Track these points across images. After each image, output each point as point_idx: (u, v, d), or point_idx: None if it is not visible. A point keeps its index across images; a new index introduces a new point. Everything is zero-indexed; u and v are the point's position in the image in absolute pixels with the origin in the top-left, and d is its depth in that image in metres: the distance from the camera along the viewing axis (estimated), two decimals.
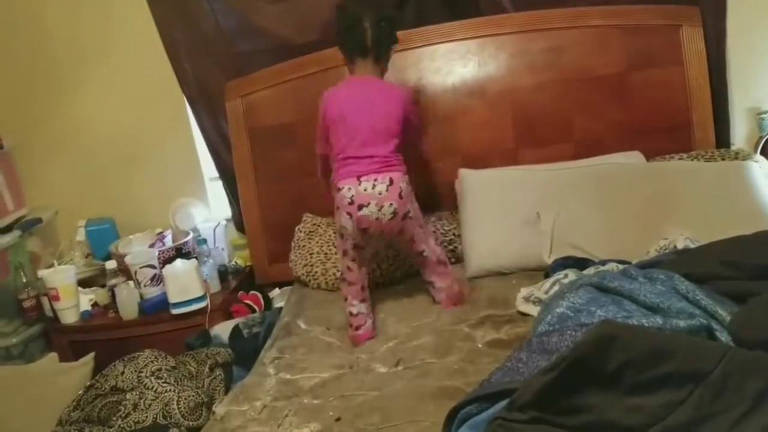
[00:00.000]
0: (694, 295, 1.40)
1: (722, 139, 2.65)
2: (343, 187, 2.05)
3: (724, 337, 1.31)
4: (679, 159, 2.50)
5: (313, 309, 2.41)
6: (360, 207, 2.03)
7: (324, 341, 2.16)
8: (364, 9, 2.14)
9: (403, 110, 2.14)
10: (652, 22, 2.59)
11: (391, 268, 2.48)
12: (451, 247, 2.55)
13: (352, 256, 2.13)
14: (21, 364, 2.61)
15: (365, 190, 2.03)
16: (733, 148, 2.62)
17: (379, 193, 2.02)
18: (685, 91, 2.60)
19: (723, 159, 2.46)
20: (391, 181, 2.04)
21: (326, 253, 2.59)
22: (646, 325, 1.31)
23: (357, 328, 2.14)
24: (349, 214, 2.04)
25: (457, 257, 2.54)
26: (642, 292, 1.45)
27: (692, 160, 2.48)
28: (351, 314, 2.16)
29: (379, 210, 2.03)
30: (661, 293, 1.43)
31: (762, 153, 2.58)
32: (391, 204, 2.03)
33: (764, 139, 2.60)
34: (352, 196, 2.03)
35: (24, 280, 2.78)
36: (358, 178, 2.03)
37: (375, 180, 2.03)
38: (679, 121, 2.61)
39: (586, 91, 2.63)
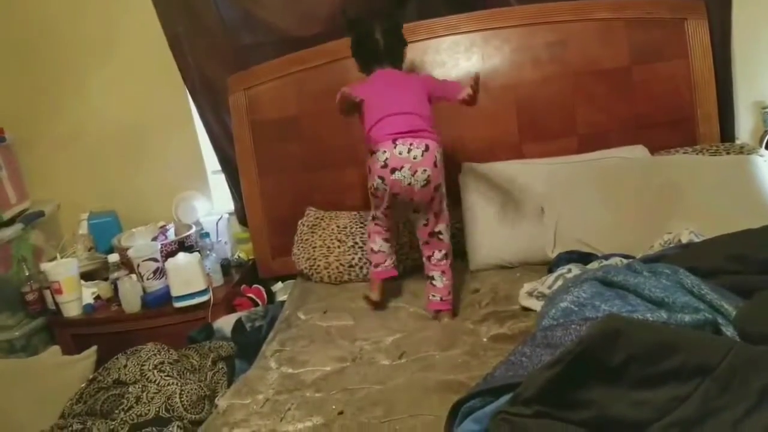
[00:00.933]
0: (699, 290, 1.39)
1: (727, 133, 2.64)
2: (378, 150, 2.02)
3: (729, 331, 1.30)
4: (684, 153, 2.49)
5: (316, 302, 2.41)
6: (393, 171, 1.99)
7: (323, 329, 2.15)
8: (373, 22, 2.21)
9: (427, 89, 2.17)
10: (657, 15, 2.57)
11: (402, 259, 2.47)
12: (454, 241, 2.54)
13: (385, 213, 2.17)
14: (24, 357, 2.61)
15: (400, 153, 1.99)
16: (737, 142, 2.62)
17: (414, 158, 1.99)
18: (690, 84, 2.59)
19: (728, 153, 2.44)
20: (427, 148, 2.00)
21: (329, 247, 2.58)
22: (651, 319, 1.31)
23: (376, 266, 2.20)
24: (381, 177, 2.03)
25: (461, 252, 2.54)
26: (647, 286, 1.44)
27: (697, 154, 2.47)
28: (372, 251, 2.22)
29: (413, 175, 1.99)
30: (666, 287, 1.42)
31: (767, 147, 2.56)
32: (425, 170, 2.00)
33: None
34: (386, 159, 2.00)
35: (27, 273, 2.78)
36: (394, 141, 2.00)
37: (411, 144, 2.00)
38: (684, 114, 2.61)
39: (590, 84, 2.62)
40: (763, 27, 2.62)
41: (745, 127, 2.71)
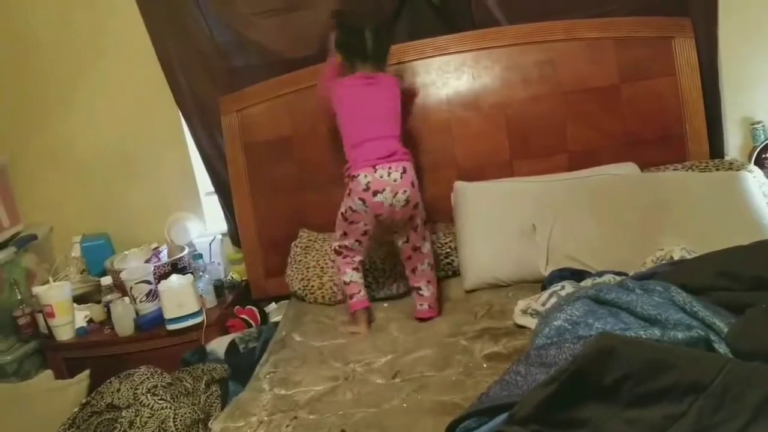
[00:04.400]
0: (691, 307, 1.40)
1: (716, 149, 2.66)
2: (359, 175, 2.15)
3: (722, 348, 1.30)
4: (674, 170, 2.51)
5: (311, 323, 2.40)
6: (375, 193, 2.13)
7: (316, 350, 2.15)
8: (364, 20, 2.26)
9: (399, 96, 2.29)
10: (645, 33, 2.61)
11: (389, 281, 2.48)
12: (447, 260, 2.55)
13: (358, 238, 2.24)
14: (16, 381, 2.59)
15: (381, 177, 2.13)
16: (727, 158, 2.64)
17: (394, 180, 2.14)
18: (679, 101, 2.61)
19: (717, 169, 2.47)
20: (405, 170, 2.16)
21: (323, 268, 2.58)
22: (644, 337, 1.31)
23: (351, 297, 2.25)
24: (362, 199, 2.14)
25: (453, 270, 2.54)
26: (639, 303, 1.44)
27: (686, 170, 2.49)
28: (344, 283, 2.28)
29: (394, 196, 2.14)
30: (659, 305, 1.43)
31: (756, 163, 2.59)
32: (405, 191, 2.15)
33: (758, 149, 2.61)
34: (368, 182, 2.13)
35: (19, 297, 2.76)
36: (374, 166, 2.14)
37: (390, 168, 2.14)
38: (673, 131, 2.63)
39: (580, 102, 2.65)
40: (749, 43, 2.66)
41: (733, 143, 2.73)
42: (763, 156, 2.61)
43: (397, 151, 2.18)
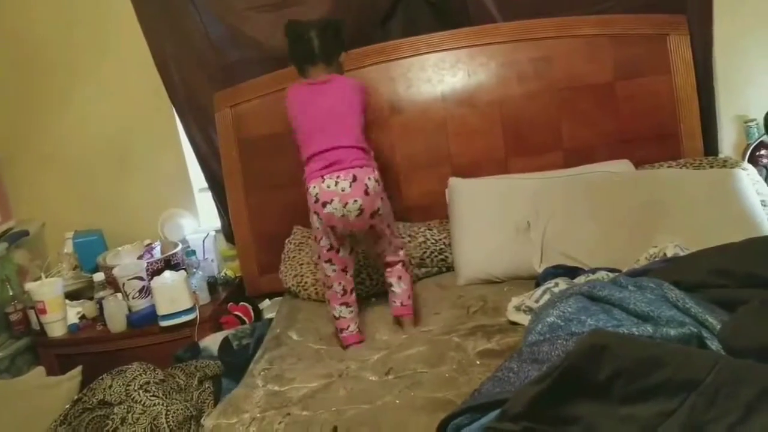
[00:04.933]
0: (684, 304, 1.40)
1: (710, 146, 2.66)
2: (309, 187, 2.07)
3: (714, 345, 1.31)
4: (668, 167, 2.52)
5: (304, 320, 2.40)
6: (324, 204, 2.03)
7: (312, 349, 2.14)
8: (310, 24, 2.18)
9: (360, 101, 2.16)
10: (640, 31, 2.61)
11: (381, 279, 2.47)
12: (441, 257, 2.55)
13: (327, 258, 2.14)
14: (7, 378, 2.57)
15: (328, 187, 2.02)
16: (721, 155, 2.64)
17: (342, 190, 2.02)
18: (673, 99, 2.61)
19: (711, 167, 2.47)
20: (354, 178, 2.02)
21: (316, 264, 2.57)
22: (637, 333, 1.31)
23: (341, 331, 2.17)
24: (316, 213, 2.06)
25: (448, 266, 2.54)
26: (632, 300, 1.44)
27: (681, 168, 2.49)
28: (334, 317, 2.19)
29: (344, 207, 2.02)
30: (651, 302, 1.43)
31: (750, 160, 2.59)
32: (355, 200, 2.02)
33: (752, 147, 2.62)
34: (317, 193, 2.04)
35: (11, 294, 2.74)
36: (322, 176, 2.04)
37: (337, 177, 2.03)
38: (668, 129, 2.63)
39: (575, 100, 2.64)
40: (744, 41, 2.66)
41: (728, 140, 2.74)
42: (757, 154, 2.62)
43: (344, 159, 2.04)
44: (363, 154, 2.10)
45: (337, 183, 2.02)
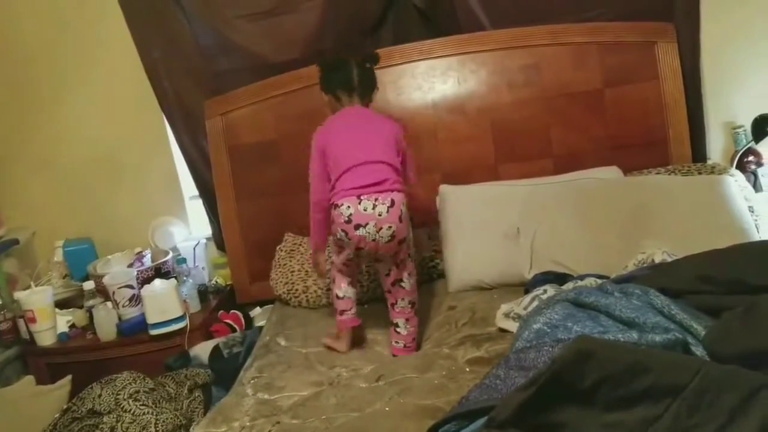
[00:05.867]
0: (669, 310, 1.40)
1: (699, 153, 2.68)
2: (342, 204, 1.96)
3: (699, 351, 1.31)
4: (657, 173, 2.53)
5: (295, 327, 2.40)
6: (357, 227, 1.95)
7: (303, 357, 2.14)
8: (347, 57, 2.16)
9: (396, 138, 2.09)
10: (629, 38, 2.63)
11: (372, 285, 2.47)
12: (432, 263, 2.56)
13: (345, 262, 2.14)
14: None
15: (365, 209, 1.94)
16: (709, 162, 2.66)
17: (379, 214, 1.94)
18: (662, 106, 2.63)
19: (699, 173, 2.49)
20: (393, 203, 1.95)
21: (307, 271, 2.58)
22: (622, 340, 1.32)
23: (341, 313, 2.15)
24: (344, 231, 1.97)
25: (438, 273, 2.54)
26: (618, 307, 1.45)
27: (669, 174, 2.51)
28: (337, 297, 2.17)
29: (378, 231, 1.95)
30: (637, 308, 1.43)
31: (738, 167, 2.60)
32: (390, 226, 1.95)
33: (739, 153, 2.63)
34: (351, 214, 1.95)
35: (0, 303, 2.73)
36: (359, 196, 1.94)
37: (376, 200, 1.94)
38: (656, 135, 2.65)
39: (564, 107, 2.66)
40: (731, 49, 2.68)
41: (716, 147, 2.75)
42: (745, 160, 2.63)
43: (387, 179, 1.96)
44: (398, 176, 2.03)
45: (375, 207, 1.94)
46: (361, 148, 2.01)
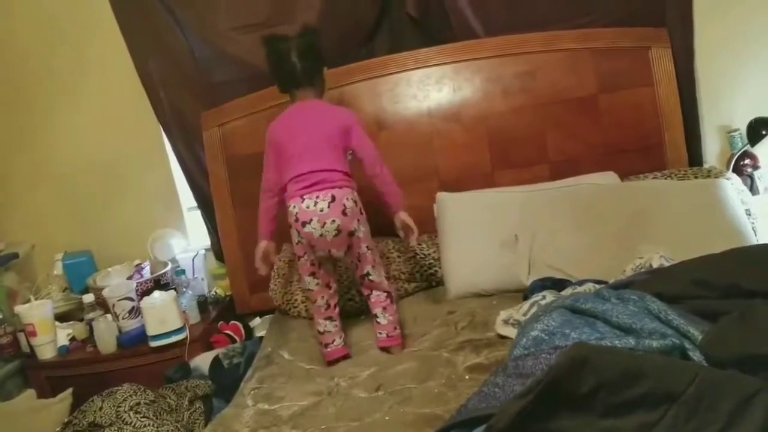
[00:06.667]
0: (665, 315, 1.41)
1: (695, 157, 2.69)
2: (289, 205, 2.09)
3: (696, 356, 1.31)
4: (653, 178, 2.54)
5: (295, 338, 2.40)
6: (303, 224, 2.05)
7: (303, 368, 2.14)
8: (287, 42, 2.17)
9: (342, 132, 2.14)
10: (622, 44, 2.64)
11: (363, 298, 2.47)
12: (431, 271, 2.56)
13: (311, 272, 2.17)
14: None
15: (307, 207, 2.04)
16: (705, 166, 2.67)
17: (321, 210, 2.04)
18: (657, 110, 2.64)
19: (696, 177, 2.49)
20: (333, 198, 2.04)
21: (299, 279, 2.58)
22: (619, 346, 1.32)
23: (326, 346, 2.18)
24: (297, 230, 2.09)
25: (437, 280, 2.55)
26: (614, 313, 1.45)
27: (666, 178, 2.51)
28: (318, 332, 2.20)
29: (322, 227, 2.04)
30: (634, 314, 1.43)
31: (734, 170, 2.61)
32: (333, 221, 2.04)
33: (735, 156, 2.64)
34: (296, 213, 2.06)
35: (0, 317, 2.73)
36: (301, 196, 2.06)
37: (317, 197, 2.04)
38: (652, 140, 2.66)
39: (560, 113, 2.67)
40: (725, 52, 2.69)
41: (712, 150, 2.77)
42: (741, 163, 2.64)
43: (324, 180, 2.06)
44: (343, 176, 2.11)
45: (316, 203, 2.04)
46: (302, 157, 2.10)
